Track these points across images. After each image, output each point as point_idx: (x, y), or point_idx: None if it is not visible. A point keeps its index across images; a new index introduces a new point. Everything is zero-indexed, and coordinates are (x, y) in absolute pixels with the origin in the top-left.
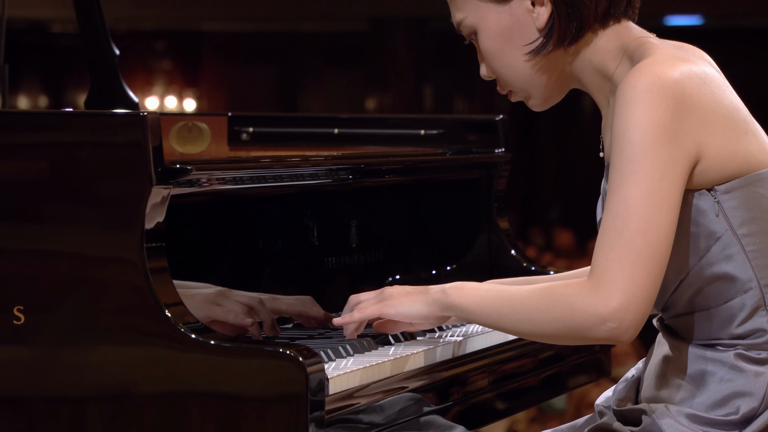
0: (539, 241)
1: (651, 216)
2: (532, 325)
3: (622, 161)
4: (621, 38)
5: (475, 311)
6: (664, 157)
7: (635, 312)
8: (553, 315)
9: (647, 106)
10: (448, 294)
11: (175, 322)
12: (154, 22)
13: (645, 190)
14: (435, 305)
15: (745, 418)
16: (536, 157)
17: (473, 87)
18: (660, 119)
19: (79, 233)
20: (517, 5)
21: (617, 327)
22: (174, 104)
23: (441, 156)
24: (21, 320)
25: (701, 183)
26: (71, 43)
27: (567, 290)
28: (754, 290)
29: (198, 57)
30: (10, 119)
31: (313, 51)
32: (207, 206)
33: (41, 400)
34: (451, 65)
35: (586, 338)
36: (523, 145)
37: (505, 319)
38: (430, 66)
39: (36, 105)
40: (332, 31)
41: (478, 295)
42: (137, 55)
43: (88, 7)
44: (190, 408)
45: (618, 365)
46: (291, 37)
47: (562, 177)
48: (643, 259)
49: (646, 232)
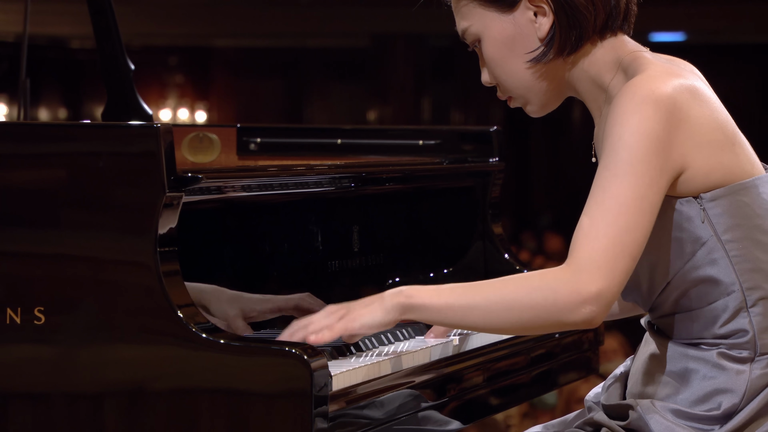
0: (531, 246)
1: (639, 217)
2: (510, 313)
3: (616, 161)
4: (617, 51)
5: (441, 307)
6: (656, 166)
7: (609, 300)
8: (534, 300)
9: (642, 117)
10: (409, 295)
11: (186, 322)
12: (167, 39)
13: (636, 193)
14: (394, 310)
15: (726, 414)
16: (528, 166)
17: (469, 100)
18: (654, 130)
19: (96, 238)
20: (520, 15)
21: (596, 310)
22: (186, 116)
23: (438, 165)
24: (42, 320)
25: (686, 191)
26: (89, 58)
27: (547, 276)
28: (737, 293)
29: (208, 71)
30: (32, 130)
31: (318, 66)
32: (217, 212)
33: (61, 396)
34: (448, 79)
35: (563, 322)
36: (515, 154)
37: (476, 311)
38: (427, 80)
39: (56, 117)
40: (335, 46)
41: (442, 292)
42: (151, 69)
43: (104, 24)
44: (200, 403)
45: (606, 362)
46: (296, 53)
47: (553, 184)
48: (627, 254)
49: (632, 231)
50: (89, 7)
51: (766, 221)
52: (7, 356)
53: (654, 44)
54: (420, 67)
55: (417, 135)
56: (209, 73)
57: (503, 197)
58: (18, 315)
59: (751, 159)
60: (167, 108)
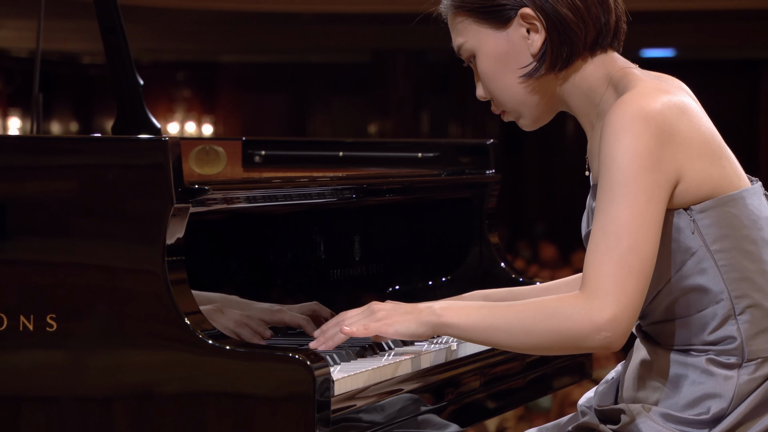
0: (526, 254)
1: (640, 235)
2: (529, 337)
3: (612, 184)
4: (607, 67)
5: (467, 328)
6: (650, 181)
7: (626, 322)
8: (550, 326)
9: (633, 135)
10: (440, 315)
11: (193, 328)
12: (175, 55)
13: (634, 212)
14: (427, 326)
15: (715, 418)
16: (523, 178)
17: (466, 114)
18: (645, 147)
19: (106, 247)
20: (513, 32)
21: (611, 336)
22: (193, 129)
23: (437, 177)
24: (54, 327)
25: (679, 203)
26: (99, 74)
27: (562, 303)
28: (725, 301)
29: (215, 86)
30: (45, 144)
31: (320, 81)
32: (223, 223)
33: (72, 399)
34: (446, 94)
35: (581, 347)
36: (511, 166)
37: (499, 333)
38: (426, 94)
39: (68, 130)
40: (337, 62)
41: (469, 313)
42: (160, 84)
43: (115, 41)
44: (207, 406)
45: (599, 368)
46: (300, 68)
47: (547, 195)
48: (634, 273)
49: (636, 250)
50: (100, 25)
51: (753, 232)
52: (21, 361)
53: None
54: (419, 82)
55: (416, 148)
56: (215, 88)
57: (499, 207)
58: (31, 322)
59: (737, 172)
60: (175, 121)
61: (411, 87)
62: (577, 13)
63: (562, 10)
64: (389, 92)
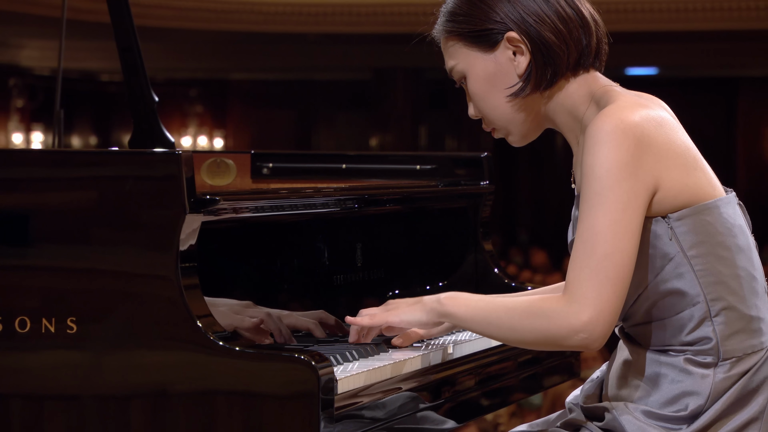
0: (518, 260)
1: (616, 242)
2: (515, 333)
3: (590, 194)
4: (589, 86)
5: (465, 318)
6: (627, 190)
7: (603, 324)
8: (534, 325)
9: (612, 146)
10: (444, 303)
11: (205, 331)
12: (188, 73)
13: (610, 220)
14: (432, 313)
15: (692, 414)
16: (515, 189)
17: (461, 128)
18: (623, 157)
19: (123, 254)
20: (501, 54)
21: (588, 337)
22: (205, 143)
23: (434, 188)
24: (74, 329)
25: (658, 211)
26: (117, 91)
27: (545, 304)
28: (702, 304)
29: (225, 102)
30: (66, 157)
31: (324, 97)
32: (233, 231)
33: (91, 398)
34: (442, 109)
35: (561, 346)
36: (503, 178)
37: (491, 326)
38: (424, 110)
39: (87, 144)
40: (340, 80)
41: (469, 304)
42: (174, 100)
43: (131, 60)
44: (218, 403)
45: (586, 368)
46: (305, 86)
47: (537, 205)
48: (610, 279)
49: (611, 256)
50: (118, 45)
51: (727, 238)
52: (43, 361)
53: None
54: (417, 98)
55: (414, 160)
56: (226, 104)
57: (493, 216)
58: (52, 324)
59: (712, 182)
60: (188, 135)
61: (409, 103)
62: (560, 36)
63: (545, 33)
64: (389, 108)
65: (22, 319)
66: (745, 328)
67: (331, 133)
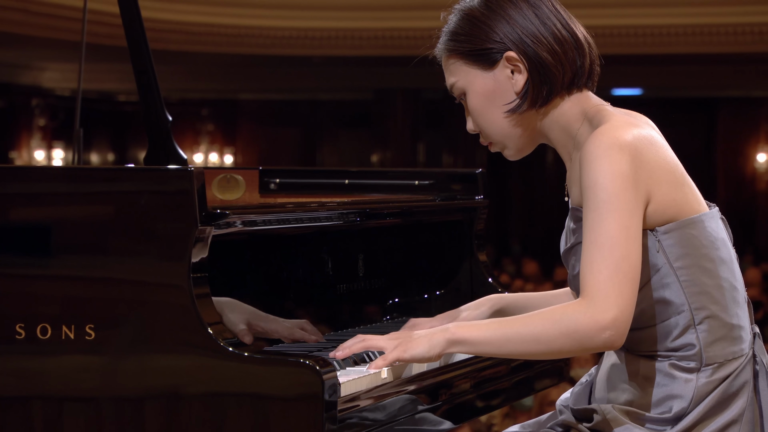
0: (511, 270)
1: (629, 244)
2: (539, 344)
3: (597, 203)
4: (582, 104)
5: (481, 340)
6: (631, 199)
7: (626, 321)
8: (559, 332)
9: (611, 160)
10: (453, 332)
11: (216, 337)
12: (199, 93)
13: (622, 225)
14: (439, 345)
15: (676, 417)
16: (508, 203)
17: (457, 145)
18: (623, 169)
19: (139, 264)
20: (499, 72)
21: (614, 333)
22: (215, 159)
23: (431, 202)
24: (92, 336)
25: (647, 224)
26: (133, 111)
27: (567, 309)
28: (686, 312)
29: (235, 121)
30: (85, 173)
31: (328, 116)
32: (242, 243)
33: (108, 400)
34: (439, 128)
35: (587, 348)
36: (497, 192)
37: (511, 343)
38: (422, 128)
39: (105, 161)
40: (343, 100)
41: (481, 327)
42: (186, 119)
43: (146, 81)
44: (228, 405)
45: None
46: (310, 105)
47: (529, 218)
48: (629, 278)
49: (627, 257)
50: (133, 67)
51: (711, 251)
52: (63, 366)
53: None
54: (415, 117)
55: (413, 176)
56: (235, 122)
57: (487, 229)
58: (72, 331)
59: (697, 197)
60: (200, 152)
61: (408, 122)
62: (556, 56)
63: (542, 53)
64: (389, 126)
65: (44, 326)
66: (726, 335)
67: (335, 150)
